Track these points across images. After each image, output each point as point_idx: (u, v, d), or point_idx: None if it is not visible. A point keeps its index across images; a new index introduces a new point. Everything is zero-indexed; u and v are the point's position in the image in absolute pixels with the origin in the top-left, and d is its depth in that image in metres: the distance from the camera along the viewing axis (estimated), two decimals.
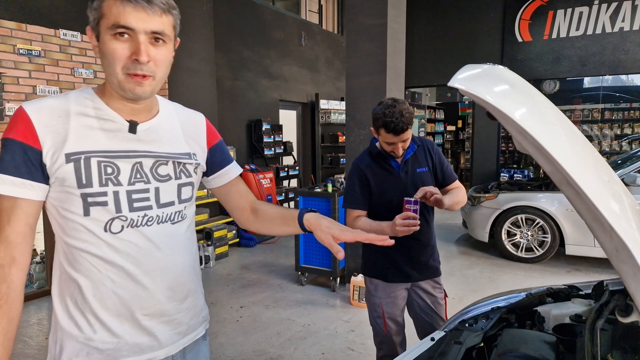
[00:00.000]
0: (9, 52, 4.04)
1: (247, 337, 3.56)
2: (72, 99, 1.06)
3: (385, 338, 2.32)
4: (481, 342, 1.63)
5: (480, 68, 1.14)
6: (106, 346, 1.08)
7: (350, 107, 4.63)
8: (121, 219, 1.06)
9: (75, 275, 1.06)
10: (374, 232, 2.06)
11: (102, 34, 1.00)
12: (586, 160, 0.90)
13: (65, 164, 1.00)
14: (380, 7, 4.33)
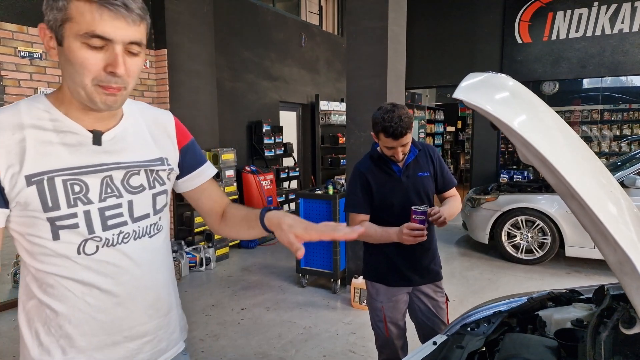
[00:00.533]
0: (10, 55, 4.05)
1: (249, 339, 3.57)
2: (24, 111, 0.95)
3: (387, 342, 2.33)
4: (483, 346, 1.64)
5: (482, 76, 1.14)
6: None
7: (350, 110, 4.64)
8: (95, 240, 0.98)
9: (48, 300, 0.98)
10: (381, 238, 2.08)
11: (69, 39, 0.87)
12: (590, 173, 0.91)
13: (26, 187, 0.91)
14: (380, 10, 4.34)
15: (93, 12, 0.85)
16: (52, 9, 0.88)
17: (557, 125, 1.14)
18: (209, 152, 5.94)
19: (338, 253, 4.55)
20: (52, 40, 0.91)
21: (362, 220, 2.20)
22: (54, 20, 0.88)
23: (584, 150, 1.14)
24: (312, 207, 4.68)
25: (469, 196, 6.31)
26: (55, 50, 0.92)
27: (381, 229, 2.11)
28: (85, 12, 0.85)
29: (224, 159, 6.00)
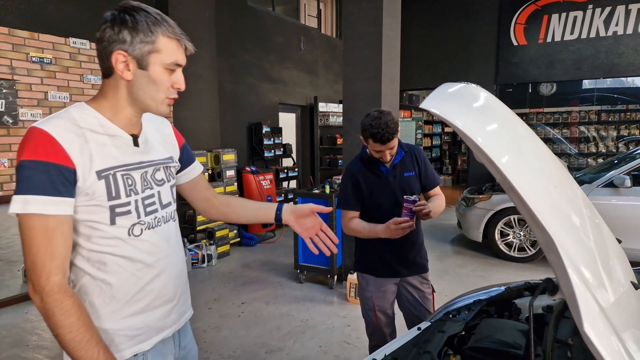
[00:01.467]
0: (22, 60, 4.23)
1: (249, 330, 3.75)
2: (77, 117, 1.13)
3: (376, 329, 2.51)
4: (462, 331, 1.81)
5: (452, 88, 1.26)
6: (134, 332, 1.22)
7: (347, 111, 4.81)
8: (140, 224, 1.21)
9: (103, 275, 1.16)
10: (369, 233, 2.27)
11: (154, 65, 1.14)
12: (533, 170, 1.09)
13: (97, 180, 1.10)
14: (375, 16, 4.50)
15: (176, 47, 1.17)
16: (140, 42, 1.12)
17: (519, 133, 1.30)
18: (210, 153, 6.12)
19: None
20: (131, 64, 1.13)
21: (352, 217, 2.38)
22: (140, 50, 1.12)
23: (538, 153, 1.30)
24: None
25: (464, 196, 6.45)
26: (131, 72, 1.14)
27: (369, 226, 2.28)
28: (172, 47, 1.16)
29: (225, 160, 6.18)
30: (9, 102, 4.05)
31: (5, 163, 4.12)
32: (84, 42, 4.71)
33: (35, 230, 1.04)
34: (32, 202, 1.02)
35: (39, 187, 1.02)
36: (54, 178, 1.03)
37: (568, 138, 9.27)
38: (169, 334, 1.33)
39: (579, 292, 0.81)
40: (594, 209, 1.57)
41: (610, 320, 0.85)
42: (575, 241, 1.07)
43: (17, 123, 4.15)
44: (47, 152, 1.03)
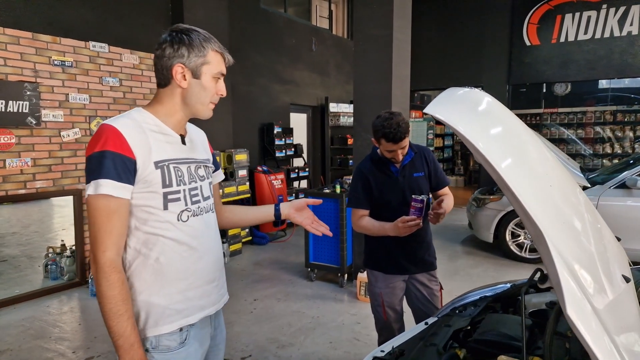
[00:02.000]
0: (45, 64, 4.39)
1: (261, 326, 3.86)
2: (138, 119, 1.35)
3: (385, 325, 2.59)
4: (468, 325, 1.89)
5: (456, 93, 1.31)
6: (181, 307, 1.38)
7: (357, 113, 4.89)
8: (187, 211, 1.39)
9: (156, 255, 1.34)
10: (378, 231, 2.36)
11: (205, 74, 1.38)
12: (529, 171, 1.16)
13: (154, 169, 1.30)
14: (386, 19, 4.57)
15: (221, 60, 1.41)
16: (196, 56, 1.35)
17: (517, 136, 1.37)
18: (223, 153, 6.24)
19: (345, 249, 4.82)
20: (187, 74, 1.37)
21: (362, 215, 2.46)
22: (195, 62, 1.36)
23: (538, 157, 1.37)
24: (320, 205, 4.93)
25: (474, 196, 6.46)
26: (187, 81, 1.37)
27: (378, 224, 2.36)
28: (218, 59, 1.40)
29: (238, 160, 6.30)
30: (33, 104, 4.21)
31: (28, 162, 4.28)
32: (103, 46, 4.86)
33: (99, 210, 1.23)
34: (102, 185, 1.22)
35: (107, 172, 1.22)
36: (118, 166, 1.23)
37: (583, 138, 9.22)
38: (211, 312, 1.49)
39: (563, 278, 0.89)
40: (596, 212, 1.63)
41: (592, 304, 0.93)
42: (564, 234, 1.13)
43: (40, 124, 4.31)
44: (114, 144, 1.24)
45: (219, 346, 1.63)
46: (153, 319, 1.34)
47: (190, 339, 1.41)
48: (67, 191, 4.60)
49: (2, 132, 4.07)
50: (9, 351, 3.40)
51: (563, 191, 1.31)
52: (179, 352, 1.37)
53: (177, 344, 1.37)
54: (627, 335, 1.04)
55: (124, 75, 5.09)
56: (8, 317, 4.01)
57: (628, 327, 1.08)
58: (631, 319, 1.12)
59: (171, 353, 1.36)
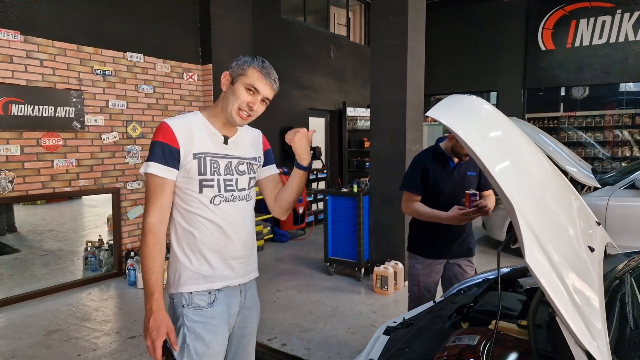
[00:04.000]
0: (88, 73, 4.81)
1: (284, 313, 4.18)
2: (191, 120, 1.68)
3: (418, 303, 2.86)
4: (471, 302, 2.17)
5: (458, 99, 1.53)
6: (207, 273, 1.67)
7: (374, 117, 5.15)
8: (220, 196, 1.68)
9: (191, 229, 1.66)
10: (430, 217, 2.74)
11: (239, 83, 1.64)
12: (511, 162, 1.44)
13: (192, 159, 1.61)
14: (401, 29, 4.84)
15: (259, 77, 1.65)
16: (238, 68, 1.65)
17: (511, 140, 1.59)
18: None
19: (362, 245, 5.10)
20: (228, 80, 1.67)
21: (414, 200, 2.75)
22: (236, 72, 1.65)
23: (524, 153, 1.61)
24: (338, 203, 5.25)
25: None
26: (227, 85, 1.68)
27: (431, 210, 2.62)
28: (254, 74, 1.65)
29: None
30: (78, 110, 4.62)
31: (73, 162, 4.69)
32: (139, 56, 5.27)
33: (149, 185, 1.59)
34: (151, 166, 1.57)
35: (156, 157, 1.58)
36: (166, 153, 1.58)
37: (601, 142, 9.25)
38: (234, 284, 1.76)
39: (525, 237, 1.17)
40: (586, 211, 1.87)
41: (551, 259, 1.21)
42: (536, 211, 1.37)
43: (84, 128, 4.72)
44: (164, 136, 1.59)
45: (252, 315, 1.88)
46: (184, 279, 1.65)
47: (218, 301, 1.69)
48: (107, 189, 5.00)
49: (51, 135, 4.49)
50: (61, 330, 3.79)
51: (549, 187, 1.58)
52: (208, 310, 1.66)
53: (206, 304, 1.66)
54: (580, 286, 1.30)
55: (157, 82, 5.48)
56: (56, 302, 4.41)
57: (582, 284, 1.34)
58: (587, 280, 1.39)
59: (201, 310, 1.65)
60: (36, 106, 4.27)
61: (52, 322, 3.97)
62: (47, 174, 4.50)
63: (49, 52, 4.47)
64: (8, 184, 4.19)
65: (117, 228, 5.07)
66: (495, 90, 9.98)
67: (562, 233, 1.48)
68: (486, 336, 1.55)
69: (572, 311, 1.17)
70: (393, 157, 4.99)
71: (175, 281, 1.68)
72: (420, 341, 1.78)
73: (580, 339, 1.12)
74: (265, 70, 1.66)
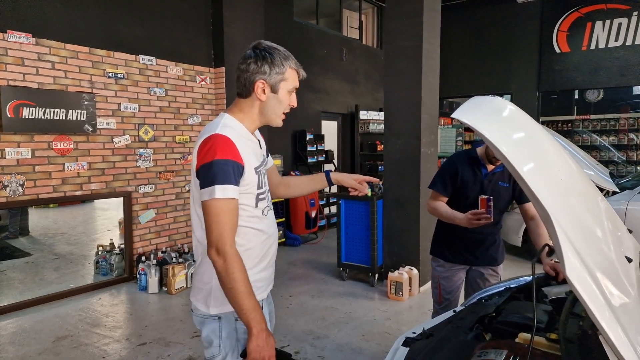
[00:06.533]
0: (100, 76, 4.79)
1: (297, 319, 4.10)
2: (236, 128, 1.55)
3: (438, 308, 2.86)
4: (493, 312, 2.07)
5: (481, 100, 1.47)
6: (260, 284, 1.64)
7: (388, 120, 5.08)
8: (268, 207, 1.67)
9: (247, 244, 1.57)
10: (448, 218, 2.66)
11: (282, 90, 1.57)
12: (543, 166, 1.35)
13: (254, 174, 1.54)
14: (415, 31, 4.77)
15: (295, 76, 1.60)
16: (276, 74, 1.54)
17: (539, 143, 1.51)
18: None
19: (376, 250, 5.01)
20: (267, 89, 1.56)
21: (440, 199, 2.70)
22: (274, 79, 1.55)
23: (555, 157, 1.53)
24: (351, 207, 5.17)
25: None
26: (265, 94, 1.56)
27: (450, 211, 2.58)
28: (292, 76, 1.59)
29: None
30: (89, 113, 4.60)
31: (84, 166, 4.67)
32: (151, 59, 5.25)
33: (224, 210, 1.43)
34: (229, 189, 1.42)
35: (230, 178, 1.42)
36: (235, 172, 1.45)
37: (616, 145, 9.13)
38: (270, 289, 1.77)
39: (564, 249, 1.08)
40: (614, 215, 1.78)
41: (591, 273, 1.12)
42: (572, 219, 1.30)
43: (95, 131, 4.69)
44: (232, 153, 1.44)
45: (272, 316, 1.90)
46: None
47: (263, 309, 1.68)
48: (118, 193, 4.97)
49: (63, 138, 4.47)
50: (70, 337, 3.74)
51: (577, 189, 1.49)
52: None
53: None
54: (621, 299, 1.21)
55: (169, 85, 5.46)
56: (66, 307, 4.38)
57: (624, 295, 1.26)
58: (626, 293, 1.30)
59: None
60: (47, 109, 4.25)
61: (61, 327, 3.93)
62: (58, 177, 4.48)
63: (61, 55, 4.45)
64: (19, 188, 4.17)
65: (128, 232, 5.04)
66: (509, 93, 9.85)
67: (597, 242, 1.38)
68: (513, 351, 1.47)
69: (614, 327, 1.08)
70: (407, 161, 4.91)
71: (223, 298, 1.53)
72: (441, 354, 1.70)
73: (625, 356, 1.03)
74: (298, 66, 1.60)
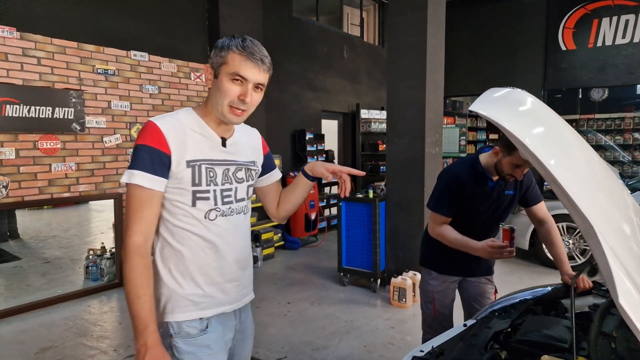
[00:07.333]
0: (89, 72, 4.59)
1: (295, 329, 3.89)
2: (183, 119, 1.41)
3: (433, 322, 2.58)
4: (509, 327, 1.86)
5: (500, 92, 1.33)
6: (198, 299, 1.43)
7: (391, 118, 4.89)
8: (216, 210, 1.43)
9: (180, 247, 1.41)
10: (461, 246, 2.33)
11: (222, 75, 1.35)
12: (576, 166, 1.16)
13: (186, 168, 1.36)
14: (420, 26, 4.58)
15: (240, 61, 1.34)
16: (216, 56, 1.36)
17: (564, 134, 1.35)
18: None
19: (378, 254, 4.80)
20: (211, 74, 1.39)
21: (444, 222, 2.38)
22: (216, 62, 1.36)
23: (583, 154, 1.35)
24: (353, 209, 4.96)
25: None
26: (211, 80, 1.39)
27: (462, 238, 2.26)
28: (235, 60, 1.34)
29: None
30: (77, 111, 4.40)
31: (72, 167, 4.46)
32: (144, 55, 5.05)
33: (133, 197, 1.32)
34: (136, 175, 1.30)
35: (142, 165, 1.30)
36: (154, 160, 1.31)
37: (621, 145, 8.95)
38: (228, 310, 1.52)
39: (614, 269, 0.88)
40: None
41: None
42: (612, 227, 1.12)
43: (84, 130, 4.49)
44: (153, 140, 1.32)
45: (246, 340, 1.67)
46: (171, 306, 1.41)
47: (211, 328, 1.47)
48: (109, 195, 4.76)
49: (49, 138, 4.27)
50: (54, 348, 3.54)
51: (610, 188, 1.29)
52: (200, 339, 1.43)
53: (197, 331, 1.43)
54: None
55: (163, 83, 5.25)
56: (52, 316, 4.17)
57: None
58: None
59: (192, 339, 1.42)
60: (33, 107, 4.05)
61: (46, 338, 3.71)
62: (44, 178, 4.27)
63: (47, 50, 4.25)
64: (2, 190, 3.96)
65: (119, 235, 4.83)
66: None
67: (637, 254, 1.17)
68: None
69: None
70: (411, 161, 4.72)
71: (160, 308, 1.43)
72: None
73: None
74: (247, 51, 1.35)
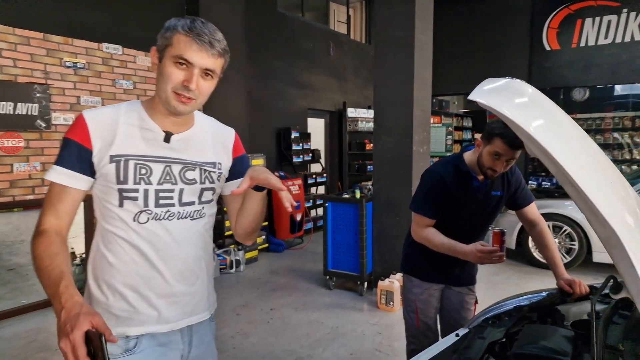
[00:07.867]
0: (56, 65, 4.31)
1: (278, 337, 3.68)
2: (123, 111, 1.27)
3: (416, 333, 2.42)
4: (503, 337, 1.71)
5: (499, 82, 1.27)
6: (122, 314, 1.26)
7: (378, 116, 4.75)
8: (147, 212, 1.26)
9: (107, 253, 1.26)
10: (448, 250, 2.12)
11: (165, 58, 1.21)
12: (588, 164, 1.01)
13: (109, 163, 1.22)
14: (407, 20, 4.46)
15: (186, 42, 1.18)
16: (162, 37, 1.22)
17: (566, 123, 1.23)
18: None
19: (365, 256, 4.64)
20: (156, 58, 1.24)
21: (428, 225, 2.22)
22: (161, 44, 1.22)
23: (589, 147, 1.22)
24: (339, 210, 4.79)
25: None
26: (156, 65, 1.25)
27: (448, 242, 2.12)
28: (181, 42, 1.19)
29: (254, 165, 6.19)
30: (43, 107, 4.12)
31: (37, 167, 4.19)
32: (117, 48, 4.79)
33: (50, 192, 1.22)
34: (54, 170, 1.21)
35: (59, 159, 1.21)
36: (72, 154, 1.21)
37: (601, 144, 9.01)
38: (164, 330, 1.32)
39: None
40: None
41: None
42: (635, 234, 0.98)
43: (49, 127, 4.22)
44: (76, 134, 1.22)
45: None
46: None
47: (141, 348, 1.28)
48: None
49: (10, 136, 3.99)
50: None
51: (623, 188, 1.15)
52: (124, 359, 1.26)
53: (121, 351, 1.26)
54: None
55: (138, 77, 5.01)
56: (13, 328, 3.88)
57: None
58: None
59: (115, 359, 1.25)
60: None
61: (4, 354, 3.44)
62: (5, 179, 3.99)
63: (9, 41, 3.96)
64: None
65: (89, 239, 4.56)
66: None
67: None
68: None
69: None
70: (399, 160, 4.58)
71: None
72: None
73: None
74: (194, 32, 1.19)
